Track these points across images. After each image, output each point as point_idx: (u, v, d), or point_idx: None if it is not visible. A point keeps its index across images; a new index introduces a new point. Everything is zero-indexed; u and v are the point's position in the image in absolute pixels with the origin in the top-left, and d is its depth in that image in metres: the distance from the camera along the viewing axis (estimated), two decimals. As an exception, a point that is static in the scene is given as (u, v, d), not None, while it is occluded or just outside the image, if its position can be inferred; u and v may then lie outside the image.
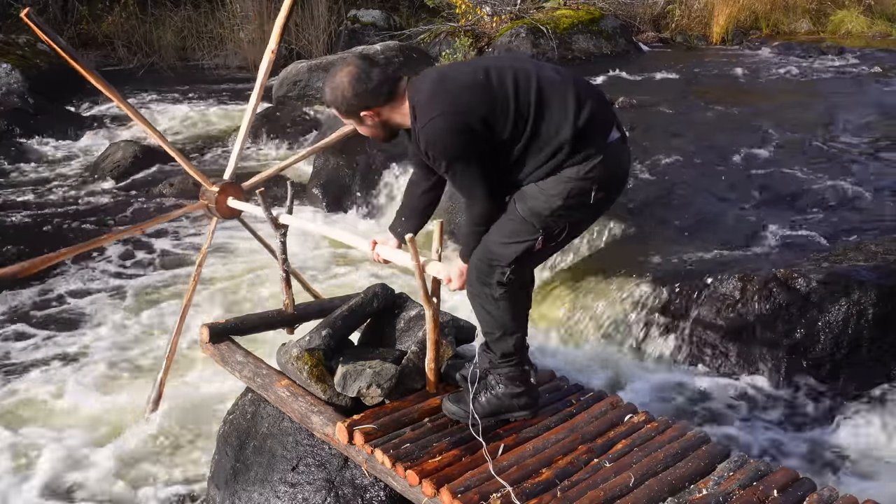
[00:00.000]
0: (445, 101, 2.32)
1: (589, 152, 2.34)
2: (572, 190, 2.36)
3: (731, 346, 3.99)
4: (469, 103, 2.31)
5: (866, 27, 14.64)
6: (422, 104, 2.36)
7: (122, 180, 7.68)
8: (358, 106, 2.42)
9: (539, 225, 2.41)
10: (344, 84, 2.40)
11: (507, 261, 2.45)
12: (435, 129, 2.32)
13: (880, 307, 3.80)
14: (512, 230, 2.45)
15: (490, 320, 2.57)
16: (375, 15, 15.34)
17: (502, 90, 2.32)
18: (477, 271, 2.52)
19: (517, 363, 2.64)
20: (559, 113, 2.32)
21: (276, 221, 3.25)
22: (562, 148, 2.33)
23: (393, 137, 2.58)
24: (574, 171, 2.35)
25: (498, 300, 2.52)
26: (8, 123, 9.00)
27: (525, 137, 2.34)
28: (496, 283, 2.49)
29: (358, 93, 2.40)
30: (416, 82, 2.43)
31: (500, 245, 2.46)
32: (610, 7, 13.54)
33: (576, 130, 2.31)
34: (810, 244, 4.73)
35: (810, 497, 2.32)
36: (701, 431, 2.67)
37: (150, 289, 5.36)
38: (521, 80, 2.34)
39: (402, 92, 2.43)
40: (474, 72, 2.37)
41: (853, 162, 6.27)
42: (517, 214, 2.44)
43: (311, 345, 2.96)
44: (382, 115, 2.45)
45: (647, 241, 4.98)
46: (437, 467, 2.44)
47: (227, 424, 3.22)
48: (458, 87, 2.34)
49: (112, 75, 13.22)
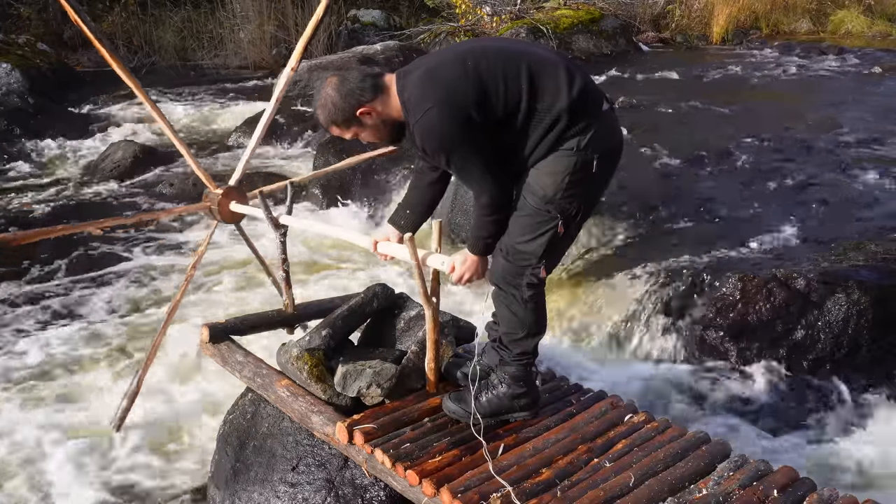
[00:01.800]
0: (437, 93, 2.31)
1: (588, 121, 2.35)
2: (576, 164, 2.36)
3: (731, 346, 3.99)
4: (461, 91, 2.30)
5: (866, 27, 14.64)
6: (413, 99, 2.35)
7: (122, 181, 7.68)
8: (350, 107, 2.42)
9: (554, 210, 2.40)
10: (329, 95, 2.43)
11: (536, 257, 2.45)
12: (430, 121, 2.31)
13: (880, 307, 3.80)
14: (530, 224, 2.44)
15: (515, 321, 2.57)
16: (375, 15, 15.34)
17: (491, 73, 2.33)
18: (505, 273, 2.51)
19: (527, 363, 2.64)
20: (552, 86, 2.33)
21: (276, 222, 3.26)
22: (559, 118, 2.33)
23: (400, 138, 2.54)
24: (574, 143, 2.35)
25: (526, 302, 2.51)
26: (8, 123, 9.00)
27: (521, 115, 2.34)
28: (526, 285, 2.49)
29: (343, 94, 2.41)
30: (403, 79, 2.42)
31: (524, 243, 2.45)
32: (610, 7, 13.54)
33: (571, 100, 2.32)
34: (810, 244, 4.73)
35: (810, 497, 2.32)
36: (701, 431, 2.67)
37: (150, 291, 5.36)
38: (509, 62, 2.35)
39: (388, 85, 2.43)
40: (461, 60, 2.37)
41: (853, 162, 6.27)
42: (530, 207, 2.43)
43: (311, 345, 2.96)
44: (377, 110, 2.43)
45: (647, 241, 4.98)
46: (437, 467, 2.44)
47: (227, 424, 3.22)
48: (448, 78, 2.34)
49: (112, 75, 13.24)
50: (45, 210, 6.89)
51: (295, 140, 8.67)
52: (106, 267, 5.67)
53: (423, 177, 2.76)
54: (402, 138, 2.55)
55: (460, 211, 5.34)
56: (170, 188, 7.28)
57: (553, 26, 11.98)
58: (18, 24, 13.27)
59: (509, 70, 2.33)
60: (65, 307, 5.08)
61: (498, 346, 2.70)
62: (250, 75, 12.83)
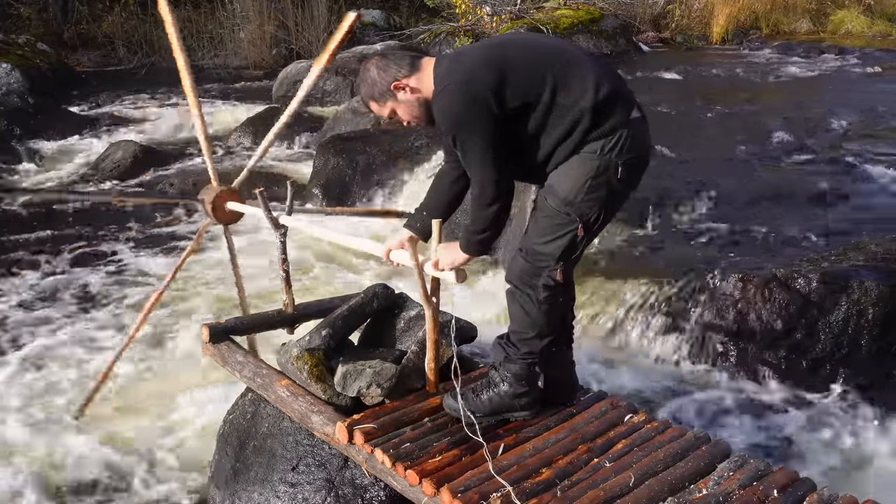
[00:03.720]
0: (457, 72, 2.35)
1: (613, 125, 2.33)
2: (599, 167, 2.34)
3: (731, 346, 3.99)
4: (481, 73, 2.32)
5: (866, 27, 14.65)
6: (439, 77, 2.40)
7: (122, 180, 7.68)
8: (387, 82, 2.45)
9: (574, 213, 2.39)
10: (371, 72, 2.49)
11: (553, 259, 2.44)
12: (444, 98, 2.35)
13: (880, 307, 3.80)
14: (549, 226, 2.43)
15: (526, 321, 2.56)
16: (375, 15, 15.36)
17: (517, 60, 2.35)
18: (522, 273, 2.50)
19: (532, 363, 2.64)
20: (578, 84, 2.33)
21: (276, 222, 3.25)
22: (582, 117, 2.31)
23: (434, 119, 2.51)
24: (598, 146, 2.33)
25: (541, 303, 2.50)
26: (8, 123, 9.00)
27: (542, 107, 2.32)
28: (542, 287, 2.48)
29: (382, 69, 2.47)
30: (443, 59, 2.47)
31: (542, 244, 2.45)
32: (610, 7, 13.55)
33: (596, 100, 2.31)
34: (810, 244, 4.73)
35: (810, 497, 2.32)
36: (701, 431, 2.66)
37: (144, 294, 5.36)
38: (540, 54, 2.38)
39: (426, 65, 2.46)
40: (492, 46, 2.46)
41: (853, 162, 6.27)
42: (550, 208, 2.42)
43: (311, 345, 2.96)
44: (412, 86, 2.45)
45: (647, 241, 4.98)
46: (437, 467, 2.43)
47: (227, 424, 3.22)
48: (471, 60, 2.38)
49: (112, 75, 13.32)
50: (45, 211, 6.89)
51: (295, 140, 8.67)
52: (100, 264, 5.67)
53: (445, 176, 2.74)
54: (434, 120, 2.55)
55: (461, 210, 5.32)
56: (170, 187, 7.29)
57: (553, 26, 11.98)
58: (18, 24, 13.27)
59: (537, 61, 2.35)
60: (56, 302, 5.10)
61: (505, 342, 2.68)
62: (250, 75, 12.84)
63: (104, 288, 5.32)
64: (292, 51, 13.40)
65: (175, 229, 6.44)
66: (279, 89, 10.19)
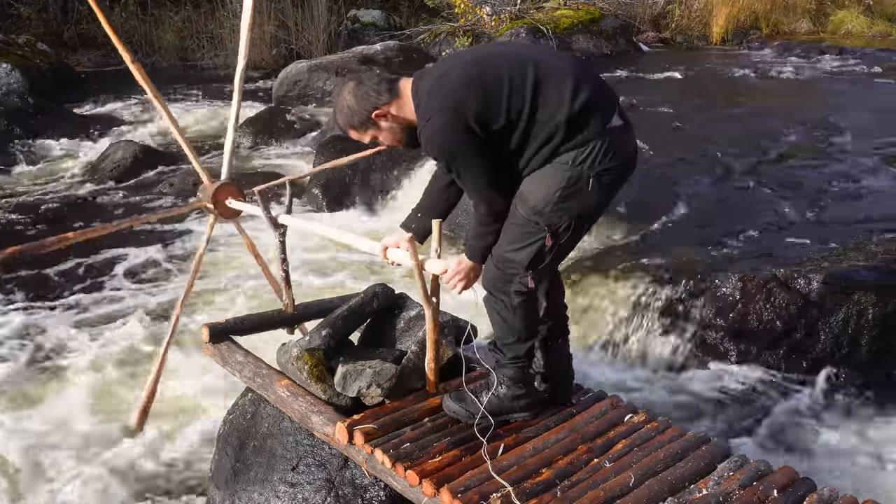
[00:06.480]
0: (439, 101, 2.32)
1: (586, 137, 2.32)
2: (570, 178, 2.34)
3: (731, 346, 3.99)
4: (461, 100, 2.30)
5: (866, 27, 14.65)
6: (422, 106, 2.38)
7: (122, 180, 7.68)
8: (366, 110, 2.43)
9: (543, 222, 2.39)
10: (346, 99, 2.46)
11: (522, 266, 2.44)
12: (430, 130, 2.33)
13: (880, 307, 3.80)
14: (519, 234, 2.43)
15: (504, 326, 2.57)
16: (375, 15, 15.36)
17: (496, 83, 2.32)
18: (495, 279, 2.51)
19: (523, 366, 2.65)
20: (555, 97, 2.31)
21: (275, 221, 3.25)
22: (556, 131, 2.31)
23: (417, 141, 2.52)
24: (570, 157, 2.33)
25: (515, 308, 2.51)
26: (8, 123, 9.00)
27: (522, 124, 2.32)
28: (514, 293, 2.48)
29: (359, 97, 2.43)
30: (418, 82, 2.43)
31: (511, 252, 2.45)
32: (610, 7, 13.56)
33: (570, 113, 2.29)
34: (810, 244, 4.73)
35: (810, 497, 2.32)
36: (701, 431, 2.67)
37: (147, 293, 5.36)
38: (516, 70, 2.33)
39: (404, 89, 2.44)
40: (470, 68, 2.37)
41: (853, 162, 6.28)
42: (520, 217, 2.42)
43: (311, 345, 2.96)
44: (392, 113, 2.44)
45: (647, 241, 4.98)
46: (437, 467, 2.43)
47: (227, 424, 3.22)
48: (452, 85, 2.34)
49: (112, 75, 13.31)
50: (45, 211, 6.89)
51: (295, 140, 8.67)
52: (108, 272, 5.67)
53: (437, 181, 2.75)
54: (419, 142, 2.55)
55: (462, 210, 5.34)
56: (170, 188, 7.29)
57: (553, 26, 11.98)
58: (18, 24, 13.27)
59: (515, 79, 2.32)
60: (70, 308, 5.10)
61: (493, 348, 2.71)
62: (250, 75, 12.83)
63: (120, 293, 5.31)
64: (292, 51, 13.40)
65: (175, 228, 6.44)
66: (279, 89, 10.19)
